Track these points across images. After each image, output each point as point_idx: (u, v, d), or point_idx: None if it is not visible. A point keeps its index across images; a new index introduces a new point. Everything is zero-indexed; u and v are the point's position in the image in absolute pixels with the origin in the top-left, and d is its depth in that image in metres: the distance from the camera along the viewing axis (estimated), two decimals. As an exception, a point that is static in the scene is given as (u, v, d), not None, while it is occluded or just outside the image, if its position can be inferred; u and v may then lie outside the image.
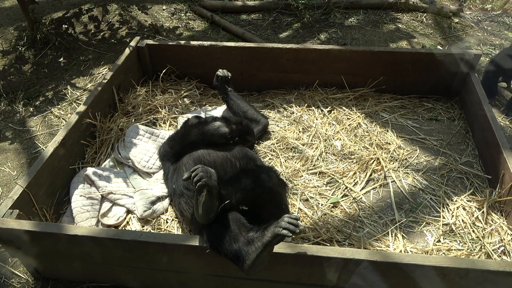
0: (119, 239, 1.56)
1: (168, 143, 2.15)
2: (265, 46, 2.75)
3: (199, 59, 2.83)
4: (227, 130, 2.00)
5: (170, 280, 1.78)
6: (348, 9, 4.04)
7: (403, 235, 1.94)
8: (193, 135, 2.04)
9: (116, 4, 3.96)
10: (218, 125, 2.02)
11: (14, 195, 1.76)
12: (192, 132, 2.05)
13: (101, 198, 2.10)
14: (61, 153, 2.08)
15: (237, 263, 1.50)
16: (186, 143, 2.04)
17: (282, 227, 1.46)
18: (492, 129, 2.16)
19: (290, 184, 2.17)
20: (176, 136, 2.14)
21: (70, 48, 3.46)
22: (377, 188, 2.18)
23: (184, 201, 1.83)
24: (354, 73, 2.77)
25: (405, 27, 3.77)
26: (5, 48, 3.45)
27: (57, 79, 3.18)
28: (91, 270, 1.82)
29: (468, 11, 4.09)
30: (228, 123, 2.06)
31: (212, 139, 2.00)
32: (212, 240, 1.53)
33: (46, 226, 1.64)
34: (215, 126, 2.02)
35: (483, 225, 1.95)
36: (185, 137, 2.06)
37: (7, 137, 2.66)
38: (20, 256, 1.82)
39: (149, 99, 2.72)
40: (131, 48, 2.75)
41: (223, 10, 4.07)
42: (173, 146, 2.09)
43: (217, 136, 1.99)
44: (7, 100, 2.96)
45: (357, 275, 1.55)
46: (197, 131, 2.04)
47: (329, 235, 1.90)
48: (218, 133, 2.00)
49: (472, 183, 2.19)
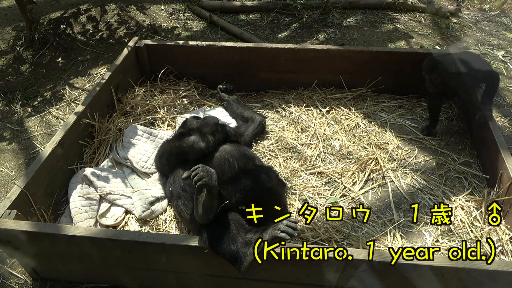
0: (118, 240, 1.56)
1: (160, 160, 2.06)
2: (263, 46, 2.75)
3: (197, 59, 2.83)
4: (203, 145, 1.90)
5: (169, 280, 1.78)
6: (347, 9, 4.04)
7: (402, 235, 1.94)
8: (174, 154, 1.96)
9: (114, 4, 3.95)
10: (192, 141, 1.92)
11: (12, 196, 1.76)
12: (173, 151, 1.97)
13: (100, 199, 2.10)
14: (59, 153, 2.08)
15: (234, 264, 1.50)
16: (174, 159, 1.98)
17: (281, 229, 1.46)
18: (490, 129, 2.16)
19: (289, 184, 2.17)
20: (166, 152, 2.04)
21: (68, 48, 3.45)
22: (376, 188, 2.18)
23: (181, 203, 1.83)
24: (353, 73, 2.77)
25: (403, 27, 3.77)
26: (3, 48, 3.44)
27: (55, 79, 3.17)
28: (89, 270, 1.82)
29: (466, 11, 4.09)
30: (204, 135, 1.94)
31: (189, 157, 1.91)
32: (210, 241, 1.53)
33: (44, 226, 1.64)
34: (189, 142, 1.92)
35: (482, 225, 1.96)
36: (171, 157, 1.99)
37: (5, 137, 2.66)
38: (18, 256, 1.82)
39: (147, 99, 2.72)
40: (130, 48, 2.75)
41: (222, 10, 4.06)
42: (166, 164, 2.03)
43: (193, 154, 1.90)
44: (5, 100, 2.95)
45: (356, 275, 1.55)
46: (176, 150, 1.95)
47: (328, 235, 1.90)
48: (193, 150, 1.90)
49: (470, 183, 2.19)
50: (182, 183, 1.83)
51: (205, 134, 1.95)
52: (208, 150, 1.91)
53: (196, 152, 1.90)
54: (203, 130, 1.97)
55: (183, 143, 1.94)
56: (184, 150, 1.93)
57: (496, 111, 2.77)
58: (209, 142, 1.92)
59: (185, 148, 1.92)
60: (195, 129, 2.02)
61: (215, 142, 1.95)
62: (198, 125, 2.06)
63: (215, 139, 1.95)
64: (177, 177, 1.89)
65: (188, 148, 1.92)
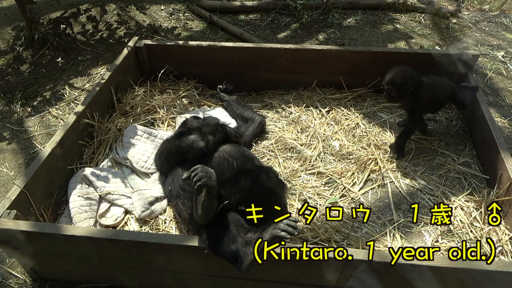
0: (117, 240, 1.56)
1: (160, 159, 2.07)
2: (263, 46, 2.75)
3: (197, 59, 2.83)
4: (203, 144, 1.90)
5: (168, 280, 1.78)
6: (346, 9, 4.04)
7: (401, 235, 1.94)
8: (173, 153, 1.96)
9: (114, 4, 3.95)
10: (192, 140, 1.92)
11: (12, 196, 1.76)
12: (172, 150, 1.97)
13: (99, 199, 2.10)
14: (59, 153, 2.08)
15: (234, 264, 1.50)
16: (174, 158, 1.98)
17: (281, 228, 1.45)
18: (490, 130, 2.16)
19: (289, 184, 2.17)
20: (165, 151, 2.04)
21: (68, 48, 3.45)
22: (376, 189, 2.18)
23: (181, 202, 1.83)
24: (353, 73, 2.77)
25: (403, 28, 3.78)
26: (3, 48, 3.44)
27: (55, 79, 3.17)
28: (89, 270, 1.82)
29: (466, 12, 4.09)
30: (204, 134, 1.94)
31: (189, 156, 1.91)
32: (210, 241, 1.53)
33: (43, 226, 1.64)
34: (189, 141, 1.92)
35: (481, 225, 1.96)
36: (170, 156, 1.99)
37: (5, 137, 2.66)
38: (18, 256, 1.82)
39: (147, 99, 2.72)
40: (129, 48, 2.75)
41: (222, 10, 4.07)
42: (165, 162, 2.04)
43: (192, 153, 1.90)
44: (5, 100, 2.95)
45: (355, 275, 1.55)
46: (175, 149, 1.96)
47: (328, 235, 1.90)
48: (193, 149, 1.90)
49: (470, 183, 2.19)
50: (181, 183, 1.82)
51: (205, 134, 1.95)
52: (207, 149, 1.91)
53: (195, 151, 1.90)
54: (203, 129, 1.97)
55: (183, 142, 1.94)
56: (184, 149, 1.92)
57: (496, 112, 2.77)
58: (208, 142, 1.92)
59: (185, 147, 1.92)
60: (195, 128, 2.02)
61: (215, 142, 1.95)
62: (198, 124, 2.06)
63: (215, 138, 1.95)
64: (176, 177, 1.89)
65: (188, 147, 1.91)
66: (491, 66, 3.25)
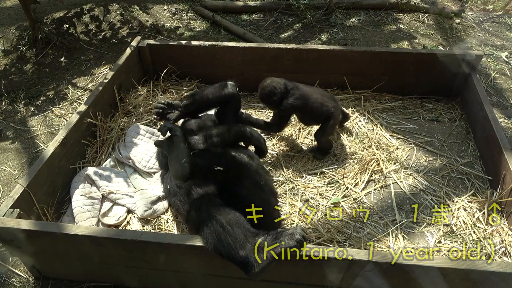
0: (120, 239, 1.56)
1: (162, 153, 2.09)
2: (266, 46, 2.75)
3: (200, 59, 2.83)
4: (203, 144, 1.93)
5: (170, 279, 1.78)
6: (349, 9, 4.04)
7: (404, 235, 1.94)
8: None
9: (117, 4, 3.96)
10: (194, 143, 1.94)
11: (15, 195, 1.76)
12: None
13: (102, 198, 2.11)
14: (61, 152, 2.08)
15: (244, 269, 1.48)
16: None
17: (297, 241, 1.44)
18: (493, 130, 2.15)
19: (291, 184, 2.17)
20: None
21: (71, 48, 3.46)
22: (378, 189, 2.18)
23: (178, 200, 1.83)
24: (355, 73, 2.76)
25: (406, 28, 3.76)
26: (6, 47, 3.46)
27: (58, 78, 3.18)
28: (91, 269, 1.82)
29: (470, 12, 4.08)
30: (210, 136, 1.95)
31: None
32: (216, 246, 1.50)
33: (46, 225, 1.64)
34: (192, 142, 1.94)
35: (484, 226, 1.95)
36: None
37: (8, 136, 2.67)
38: (20, 255, 1.82)
39: (150, 99, 2.72)
40: (132, 48, 2.75)
41: (224, 10, 4.07)
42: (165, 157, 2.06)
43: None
44: (8, 99, 2.96)
45: (358, 276, 1.54)
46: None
47: (330, 236, 1.90)
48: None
49: (473, 184, 2.18)
50: (177, 181, 1.84)
51: (212, 136, 1.98)
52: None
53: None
54: (211, 132, 2.02)
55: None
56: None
57: (500, 112, 2.75)
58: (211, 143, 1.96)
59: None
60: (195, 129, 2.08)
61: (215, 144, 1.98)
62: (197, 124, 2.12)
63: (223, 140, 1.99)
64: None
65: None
66: (495, 67, 3.23)
